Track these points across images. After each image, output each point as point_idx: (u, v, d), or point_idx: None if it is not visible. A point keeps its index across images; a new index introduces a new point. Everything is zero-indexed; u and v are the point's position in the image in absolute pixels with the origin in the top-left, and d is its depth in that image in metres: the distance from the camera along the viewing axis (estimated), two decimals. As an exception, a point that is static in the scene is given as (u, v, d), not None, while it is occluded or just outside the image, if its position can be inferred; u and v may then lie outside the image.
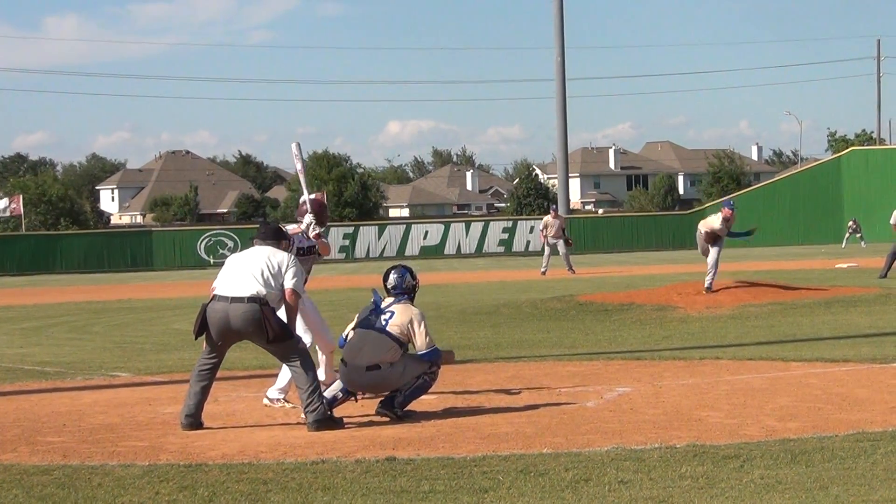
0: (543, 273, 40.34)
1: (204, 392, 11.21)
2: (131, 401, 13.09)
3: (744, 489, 8.03)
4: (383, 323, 11.46)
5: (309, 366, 11.01)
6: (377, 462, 9.19)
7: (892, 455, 9.00)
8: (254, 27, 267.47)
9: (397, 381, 11.41)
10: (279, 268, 11.14)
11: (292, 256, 11.37)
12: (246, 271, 11.10)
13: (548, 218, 42.58)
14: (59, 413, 12.30)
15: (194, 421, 11.08)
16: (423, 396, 11.91)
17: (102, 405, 12.82)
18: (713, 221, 24.36)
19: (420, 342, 11.45)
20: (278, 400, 12.27)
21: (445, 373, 14.86)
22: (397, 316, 11.47)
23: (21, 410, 12.52)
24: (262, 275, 11.04)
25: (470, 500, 7.93)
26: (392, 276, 11.83)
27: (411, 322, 11.44)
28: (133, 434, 10.93)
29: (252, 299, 10.93)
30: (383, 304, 11.63)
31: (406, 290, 11.75)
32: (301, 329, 12.11)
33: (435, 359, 11.57)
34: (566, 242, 41.65)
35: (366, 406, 12.20)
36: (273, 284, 11.06)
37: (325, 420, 10.84)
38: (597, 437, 10.13)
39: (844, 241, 60.86)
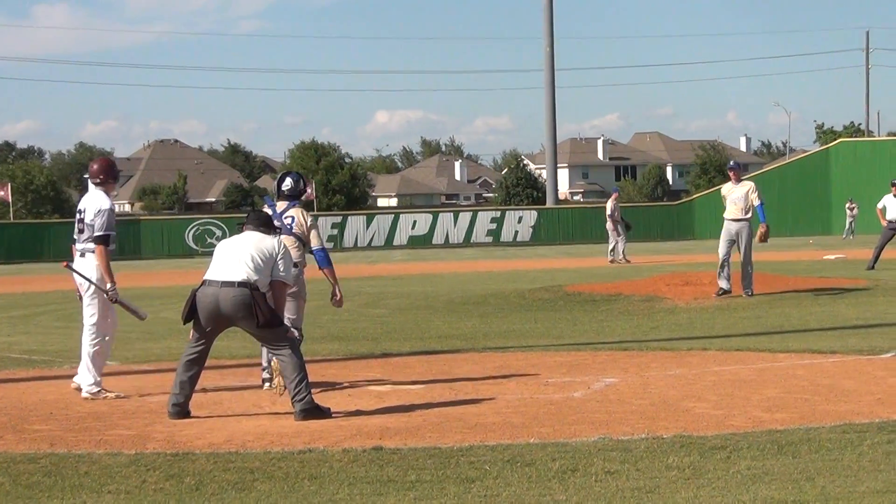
0: (628, 260, 39.81)
1: (192, 381, 11.17)
2: (118, 389, 13.05)
3: (730, 480, 8.04)
4: (288, 227, 12.71)
5: (297, 354, 10.99)
6: (364, 451, 9.19)
7: (879, 446, 9.01)
8: (243, 16, 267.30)
9: (300, 291, 12.75)
10: (269, 254, 11.11)
11: (282, 243, 11.34)
12: (236, 256, 11.07)
13: (612, 202, 41.28)
14: (46, 401, 12.28)
15: (182, 410, 11.05)
16: (410, 387, 12.36)
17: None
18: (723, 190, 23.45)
19: (315, 242, 12.90)
20: (89, 390, 12.39)
21: (433, 363, 14.89)
22: (297, 220, 12.82)
23: (8, 398, 12.49)
24: (253, 260, 11.02)
25: (456, 489, 7.93)
26: (288, 181, 13.03)
27: (308, 225, 12.85)
28: (120, 422, 10.92)
29: (242, 284, 10.90)
30: (279, 210, 12.81)
31: (298, 195, 13.00)
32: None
33: (327, 262, 12.93)
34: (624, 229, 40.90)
35: (353, 395, 12.21)
36: (263, 271, 11.04)
37: (312, 409, 10.82)
38: (584, 427, 10.13)
39: (846, 231, 60.53)
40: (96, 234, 12.42)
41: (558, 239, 65.57)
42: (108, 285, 12.44)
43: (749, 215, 22.94)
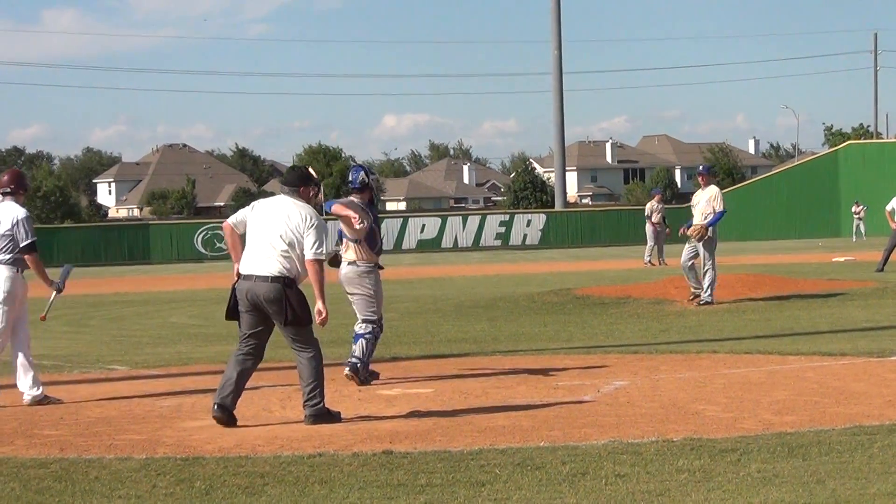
0: (650, 263, 39.34)
1: (241, 379, 10.78)
2: (128, 394, 13.08)
3: (741, 483, 8.03)
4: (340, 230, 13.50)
5: (318, 358, 10.86)
6: (374, 455, 9.19)
7: (889, 449, 9.00)
8: (251, 20, 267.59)
9: (365, 287, 13.52)
10: (298, 231, 10.75)
11: (312, 215, 10.87)
12: (267, 241, 10.75)
13: (653, 203, 40.82)
14: (56, 406, 12.29)
15: (225, 414, 10.69)
16: (420, 390, 12.48)
17: (99, 398, 12.81)
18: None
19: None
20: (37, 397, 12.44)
21: (442, 366, 14.88)
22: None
23: (18, 403, 12.50)
24: (282, 243, 10.70)
25: (467, 493, 7.93)
26: (350, 175, 13.89)
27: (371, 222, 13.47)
28: (130, 427, 10.92)
29: (276, 279, 10.66)
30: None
31: (363, 186, 13.67)
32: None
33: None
34: (664, 230, 39.77)
35: (363, 399, 12.21)
36: (292, 254, 10.72)
37: (323, 415, 10.79)
38: (594, 430, 10.12)
39: (854, 234, 60.31)
40: (23, 244, 12.55)
41: (567, 242, 65.54)
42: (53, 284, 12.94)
43: (709, 220, 22.65)
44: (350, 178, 13.84)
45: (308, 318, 10.81)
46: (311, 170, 11.42)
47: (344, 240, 13.62)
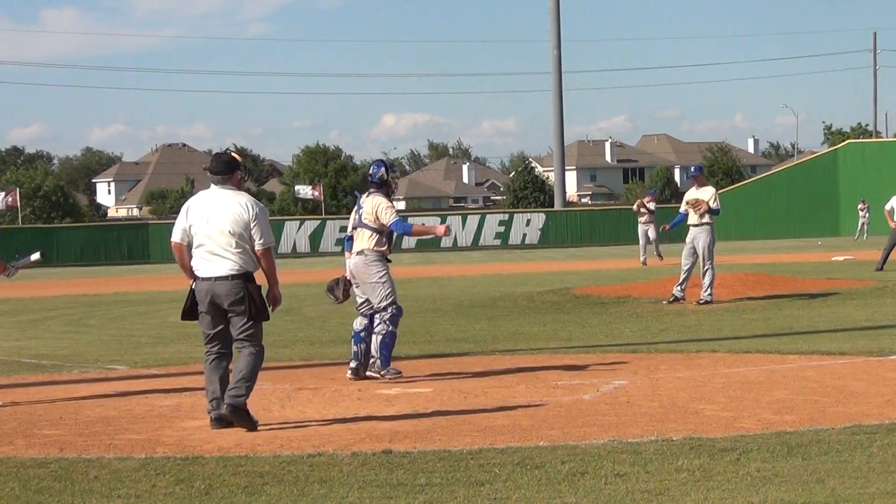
0: (645, 263, 39.47)
1: (224, 384, 10.67)
2: (128, 394, 13.07)
3: (740, 482, 8.03)
4: (360, 220, 13.61)
5: (260, 356, 10.64)
6: (373, 455, 9.18)
7: (889, 448, 9.00)
8: (250, 20, 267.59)
9: (375, 274, 13.47)
10: (243, 221, 10.52)
11: (251, 203, 10.64)
12: (215, 240, 10.53)
13: (641, 201, 40.91)
14: (55, 406, 12.28)
15: (223, 422, 10.55)
16: (419, 390, 12.41)
17: (99, 398, 12.80)
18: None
19: (385, 219, 13.47)
20: None
21: (442, 366, 14.88)
22: (365, 211, 13.56)
23: (17, 403, 12.49)
24: (230, 238, 10.49)
25: (466, 493, 7.93)
26: (371, 168, 13.94)
27: (377, 210, 13.47)
28: (130, 427, 10.91)
29: (235, 276, 10.51)
30: (361, 201, 13.75)
31: (381, 181, 13.70)
32: None
33: (403, 230, 13.75)
34: (658, 228, 39.18)
35: (362, 399, 12.21)
36: (244, 246, 10.54)
37: (241, 410, 10.45)
38: (593, 429, 10.12)
39: (858, 232, 60.26)
40: None
41: (566, 241, 65.57)
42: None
43: (706, 219, 22.68)
44: (370, 173, 13.95)
45: (267, 314, 10.67)
46: (234, 154, 11.07)
47: (358, 229, 13.60)
